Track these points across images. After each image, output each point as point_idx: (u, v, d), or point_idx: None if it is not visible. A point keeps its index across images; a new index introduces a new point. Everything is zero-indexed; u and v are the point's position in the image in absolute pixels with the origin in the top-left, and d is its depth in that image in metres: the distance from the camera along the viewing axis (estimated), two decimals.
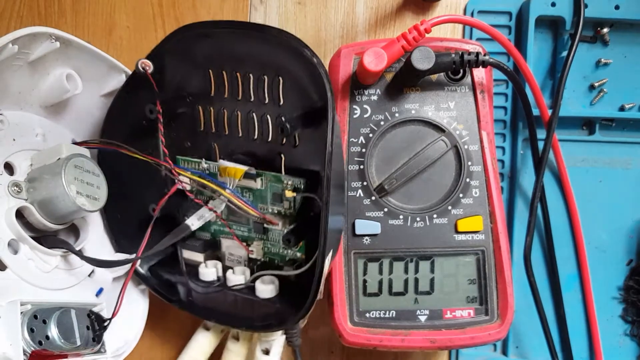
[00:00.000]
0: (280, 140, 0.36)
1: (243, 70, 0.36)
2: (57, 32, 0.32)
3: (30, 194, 0.33)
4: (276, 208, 0.37)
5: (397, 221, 0.36)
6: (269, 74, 0.35)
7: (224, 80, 0.36)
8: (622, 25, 0.41)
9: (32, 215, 0.33)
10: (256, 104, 0.36)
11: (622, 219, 0.42)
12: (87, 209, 0.33)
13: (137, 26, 0.43)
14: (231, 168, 0.36)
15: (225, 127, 0.38)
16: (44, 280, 0.33)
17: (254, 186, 0.37)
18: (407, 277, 0.36)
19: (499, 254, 0.36)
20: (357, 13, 0.42)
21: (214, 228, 0.40)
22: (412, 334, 0.35)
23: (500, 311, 0.35)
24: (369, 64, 0.33)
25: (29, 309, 0.31)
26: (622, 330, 0.42)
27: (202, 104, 0.38)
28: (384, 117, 0.36)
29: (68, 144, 0.36)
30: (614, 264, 0.42)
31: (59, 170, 0.32)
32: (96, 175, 0.35)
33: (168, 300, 0.38)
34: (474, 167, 0.36)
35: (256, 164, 0.37)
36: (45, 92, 0.35)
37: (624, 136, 0.42)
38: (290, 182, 0.36)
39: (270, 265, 0.39)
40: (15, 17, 0.43)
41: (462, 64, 0.34)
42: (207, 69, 0.36)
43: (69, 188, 0.32)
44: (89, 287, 0.36)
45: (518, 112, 0.42)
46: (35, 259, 0.33)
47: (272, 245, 0.39)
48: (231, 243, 0.40)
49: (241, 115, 0.37)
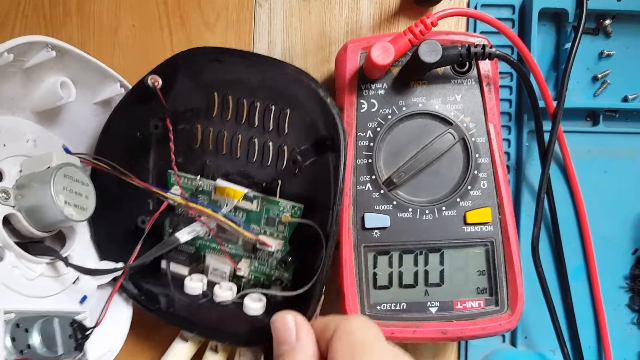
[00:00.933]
0: (280, 166, 0.37)
1: (251, 99, 0.36)
2: (53, 41, 0.32)
3: (18, 201, 0.32)
4: (269, 230, 0.38)
5: (406, 214, 0.36)
6: (277, 105, 0.36)
7: (229, 104, 0.37)
8: (624, 17, 0.42)
9: (19, 223, 0.32)
10: (259, 130, 0.37)
11: (628, 208, 0.42)
12: (75, 218, 0.33)
13: (142, 25, 0.43)
14: (230, 189, 0.36)
15: (224, 147, 0.38)
16: (29, 287, 0.33)
17: (249, 207, 0.37)
18: (417, 269, 0.36)
19: (508, 245, 0.36)
20: (362, 8, 0.43)
21: (199, 242, 0.40)
22: (423, 326, 0.35)
23: (510, 301, 0.36)
24: (376, 57, 0.33)
25: (12, 317, 0.30)
26: (629, 319, 0.43)
27: (202, 122, 0.38)
28: (391, 110, 0.37)
29: (59, 152, 0.35)
30: (620, 254, 0.42)
31: (48, 179, 0.32)
32: (85, 184, 0.34)
33: (148, 310, 0.38)
34: (481, 159, 0.36)
35: (251, 186, 0.37)
36: (39, 99, 0.35)
37: (628, 127, 0.43)
38: (288, 207, 0.37)
39: (256, 282, 0.39)
40: (21, 17, 0.43)
41: (469, 56, 0.35)
42: (212, 92, 0.37)
43: (57, 197, 0.32)
44: (73, 294, 0.36)
45: (523, 105, 0.42)
46: (20, 266, 0.32)
47: (260, 264, 0.39)
48: (216, 258, 0.40)
49: (242, 138, 0.37)
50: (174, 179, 0.39)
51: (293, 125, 0.36)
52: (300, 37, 0.43)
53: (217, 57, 0.35)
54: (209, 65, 0.36)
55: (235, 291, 0.38)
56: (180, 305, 0.38)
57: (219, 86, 0.37)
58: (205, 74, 0.36)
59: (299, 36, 0.43)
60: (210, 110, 0.37)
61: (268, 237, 0.37)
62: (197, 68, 0.36)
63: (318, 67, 0.43)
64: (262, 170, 0.37)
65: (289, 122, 0.36)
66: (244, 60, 0.35)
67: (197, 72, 0.36)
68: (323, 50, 0.43)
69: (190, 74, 0.36)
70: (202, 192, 0.38)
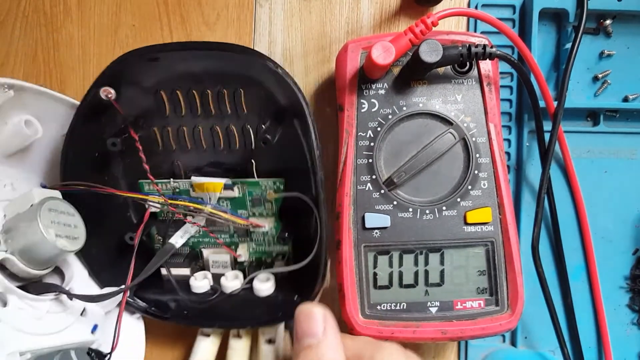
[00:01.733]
0: (249, 146, 0.37)
1: (200, 88, 0.35)
2: (8, 81, 0.32)
3: (9, 245, 0.32)
4: (257, 211, 0.37)
5: (407, 214, 0.36)
6: (229, 87, 0.35)
7: (179, 99, 0.36)
8: (624, 17, 0.42)
9: (15, 266, 0.32)
10: (218, 117, 0.36)
11: (628, 208, 0.42)
12: (69, 249, 0.33)
13: (143, 25, 0.43)
14: (209, 183, 0.36)
15: (188, 142, 0.37)
16: (38, 326, 0.33)
17: (231, 195, 0.37)
18: (417, 269, 0.36)
19: (508, 245, 0.36)
20: (362, 8, 0.43)
21: (192, 241, 0.40)
22: (424, 326, 0.35)
23: (511, 301, 0.36)
24: (377, 57, 0.33)
25: (29, 357, 0.30)
26: (629, 319, 0.43)
27: (158, 124, 0.37)
28: (391, 110, 0.37)
29: (38, 189, 0.35)
30: (620, 254, 0.42)
31: (34, 216, 0.32)
32: (71, 214, 0.34)
33: (162, 319, 0.38)
34: (482, 159, 0.36)
35: (226, 174, 0.37)
36: (6, 141, 0.34)
37: (628, 127, 0.43)
38: (269, 185, 0.36)
39: (259, 263, 0.39)
40: (21, 17, 0.43)
41: (470, 56, 0.35)
42: (159, 91, 0.36)
43: (47, 232, 0.32)
44: (84, 325, 0.36)
45: (523, 105, 0.42)
46: (25, 307, 0.32)
47: (258, 245, 0.39)
48: (212, 251, 0.40)
49: (203, 129, 0.37)
50: (148, 188, 0.38)
51: (250, 104, 0.36)
52: (300, 37, 0.43)
53: (152, 56, 0.34)
54: (147, 66, 0.35)
55: (241, 278, 0.39)
56: (192, 305, 0.38)
57: (164, 84, 0.36)
58: (146, 76, 0.35)
59: (299, 36, 0.43)
60: (162, 110, 0.37)
61: (259, 218, 0.37)
62: (136, 71, 0.35)
63: (318, 67, 0.43)
64: (233, 155, 0.37)
65: (245, 101, 0.35)
66: (179, 52, 0.34)
67: (137, 75, 0.35)
68: (323, 50, 0.43)
69: (131, 80, 0.35)
70: (179, 193, 0.38)
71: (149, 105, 0.36)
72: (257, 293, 0.37)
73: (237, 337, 0.39)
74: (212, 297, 0.38)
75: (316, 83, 0.42)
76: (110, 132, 0.36)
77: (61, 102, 0.36)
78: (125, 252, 0.37)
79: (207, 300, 0.38)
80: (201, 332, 0.40)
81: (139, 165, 0.36)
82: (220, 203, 0.38)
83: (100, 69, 0.35)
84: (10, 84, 0.32)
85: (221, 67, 0.34)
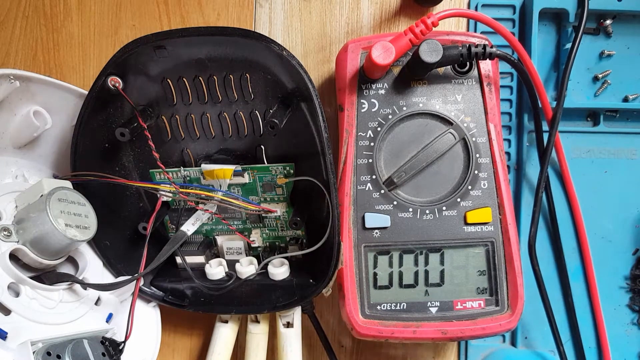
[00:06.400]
0: (258, 132, 0.37)
1: (206, 74, 0.35)
2: (14, 72, 0.32)
3: (21, 236, 0.33)
4: (269, 196, 0.38)
5: (407, 214, 0.36)
6: (235, 73, 0.35)
7: (186, 86, 0.36)
8: (624, 17, 0.42)
9: (27, 256, 0.33)
10: (225, 103, 0.36)
11: (628, 208, 0.42)
12: (79, 239, 0.33)
13: (143, 25, 0.43)
14: (219, 170, 0.36)
15: (196, 130, 0.37)
16: (51, 316, 0.33)
17: (241, 181, 0.37)
18: (417, 269, 0.36)
19: (508, 245, 0.36)
20: (362, 9, 0.43)
21: (206, 228, 0.40)
22: (424, 326, 0.35)
23: (511, 301, 0.36)
24: (377, 57, 0.33)
25: (40, 347, 0.30)
26: (629, 319, 0.43)
27: (165, 113, 0.37)
28: (391, 110, 0.37)
29: (48, 179, 0.35)
30: (620, 254, 0.42)
31: (43, 206, 0.32)
32: (82, 204, 0.34)
33: (180, 307, 0.39)
34: (482, 159, 0.36)
35: (236, 160, 0.37)
36: (16, 133, 0.34)
37: (628, 127, 0.43)
38: (280, 170, 0.37)
39: (273, 248, 0.40)
40: (21, 17, 0.43)
41: (470, 56, 0.35)
42: (165, 79, 0.36)
43: (57, 222, 0.32)
44: (98, 315, 0.36)
45: (523, 105, 0.42)
46: (38, 297, 0.33)
47: (271, 230, 0.39)
48: (226, 237, 0.40)
49: (211, 117, 0.37)
50: (159, 177, 0.38)
51: (257, 88, 0.35)
52: (300, 38, 0.43)
53: (158, 43, 0.34)
54: (153, 54, 0.34)
55: (256, 263, 0.39)
56: (208, 292, 0.38)
57: (170, 71, 0.36)
58: (152, 64, 0.35)
59: (299, 36, 0.43)
60: (170, 99, 0.36)
61: (270, 204, 0.38)
62: (143, 60, 0.35)
63: (318, 67, 0.43)
64: (242, 142, 0.37)
65: (251, 86, 0.35)
66: (184, 38, 0.33)
67: (144, 64, 0.35)
68: (324, 50, 0.43)
69: (138, 68, 0.35)
70: (190, 181, 0.38)
71: (156, 93, 0.36)
72: (273, 278, 0.38)
73: (255, 322, 0.40)
74: (228, 283, 0.38)
75: (316, 83, 0.43)
76: (118, 122, 0.36)
77: (69, 91, 0.36)
78: (140, 241, 0.38)
79: (223, 286, 0.38)
80: (219, 319, 0.40)
81: (149, 155, 0.36)
82: (231, 190, 0.38)
83: (100, 69, 0.34)
84: (15, 74, 0.32)
85: (225, 52, 0.34)
